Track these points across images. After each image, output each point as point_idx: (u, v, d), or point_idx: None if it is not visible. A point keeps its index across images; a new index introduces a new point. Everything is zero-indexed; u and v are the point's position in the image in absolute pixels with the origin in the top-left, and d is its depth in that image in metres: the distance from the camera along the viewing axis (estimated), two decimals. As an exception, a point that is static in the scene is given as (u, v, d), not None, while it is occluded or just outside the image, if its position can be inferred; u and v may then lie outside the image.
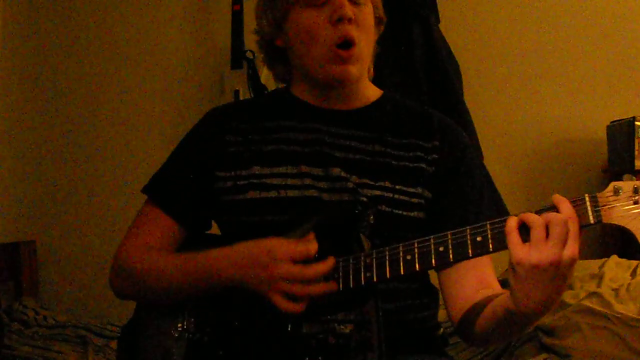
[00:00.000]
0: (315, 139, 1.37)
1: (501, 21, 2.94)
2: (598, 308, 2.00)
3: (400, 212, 1.32)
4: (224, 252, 1.27)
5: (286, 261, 1.18)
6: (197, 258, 1.30)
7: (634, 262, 2.25)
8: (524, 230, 1.05)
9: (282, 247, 1.20)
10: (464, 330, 1.31)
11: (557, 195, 1.06)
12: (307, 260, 1.19)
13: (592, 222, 1.03)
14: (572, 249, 1.02)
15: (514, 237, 1.05)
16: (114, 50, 3.22)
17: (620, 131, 2.55)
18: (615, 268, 2.25)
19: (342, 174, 1.33)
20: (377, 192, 1.32)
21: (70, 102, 3.24)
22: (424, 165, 1.35)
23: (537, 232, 1.03)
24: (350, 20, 1.31)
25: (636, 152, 2.47)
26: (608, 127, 2.63)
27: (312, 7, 1.33)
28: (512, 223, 1.05)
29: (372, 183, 1.33)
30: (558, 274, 1.03)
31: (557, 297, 1.07)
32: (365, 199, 1.30)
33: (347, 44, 1.31)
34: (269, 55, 1.45)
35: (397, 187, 1.33)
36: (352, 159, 1.35)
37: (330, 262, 1.19)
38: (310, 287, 1.18)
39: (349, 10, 1.31)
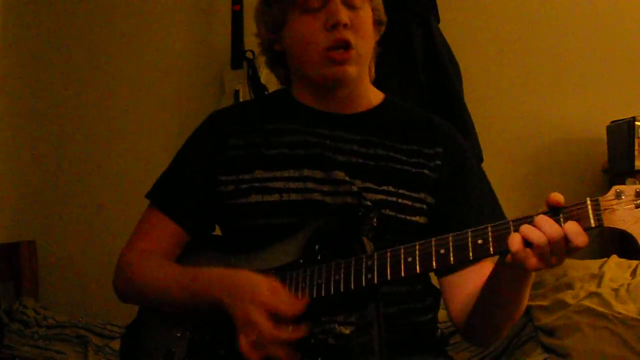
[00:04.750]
0: (317, 143, 1.37)
1: (501, 21, 2.94)
2: (598, 308, 2.00)
3: (403, 216, 1.32)
4: (219, 273, 1.27)
5: (263, 309, 1.17)
6: (193, 272, 1.30)
7: (634, 262, 2.25)
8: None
9: (267, 293, 1.19)
10: (468, 330, 1.31)
11: (556, 193, 1.06)
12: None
13: (593, 225, 1.03)
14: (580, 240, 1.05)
15: (521, 255, 1.06)
16: (114, 50, 3.22)
17: (620, 131, 2.55)
18: (615, 268, 2.25)
19: (346, 177, 1.33)
20: (381, 197, 1.32)
21: (71, 102, 3.24)
22: (426, 171, 1.36)
23: (543, 251, 1.05)
24: (345, 26, 1.31)
25: (636, 152, 2.47)
26: (608, 127, 2.62)
27: (308, 13, 1.34)
28: (517, 243, 1.06)
29: (375, 187, 1.33)
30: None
31: None
32: (369, 203, 1.30)
33: (342, 46, 1.31)
34: (270, 58, 1.46)
35: (401, 191, 1.33)
36: (355, 163, 1.35)
37: (303, 331, 1.17)
38: (272, 345, 1.16)
39: (344, 15, 1.31)
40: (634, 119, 2.49)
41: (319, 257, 1.22)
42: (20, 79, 3.25)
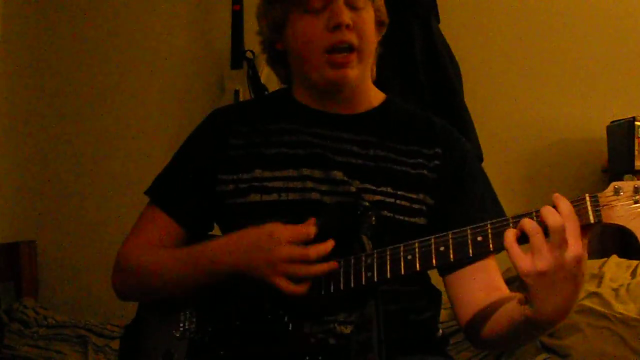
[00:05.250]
0: (317, 143, 1.37)
1: (501, 21, 2.95)
2: (598, 308, 2.00)
3: (401, 217, 1.32)
4: (223, 240, 1.28)
5: (286, 243, 1.19)
6: (197, 248, 1.31)
7: (634, 262, 2.25)
8: (524, 235, 1.05)
9: (282, 230, 1.20)
10: (473, 333, 1.30)
11: (557, 194, 1.06)
12: (307, 243, 1.20)
13: (592, 221, 1.03)
14: (574, 248, 1.02)
15: (515, 251, 1.04)
16: (114, 50, 3.22)
17: (620, 131, 2.55)
18: (615, 268, 2.25)
19: (345, 178, 1.33)
20: (379, 198, 1.32)
21: (70, 102, 3.24)
22: (425, 172, 1.35)
23: (535, 240, 1.03)
24: (348, 27, 1.31)
25: (636, 152, 2.48)
26: (608, 127, 2.63)
27: (311, 14, 1.32)
28: (510, 237, 1.05)
29: (374, 188, 1.32)
30: (567, 275, 1.03)
31: (574, 298, 1.07)
32: (367, 204, 1.30)
33: (344, 49, 1.31)
34: (271, 57, 1.45)
35: (399, 192, 1.33)
36: (354, 164, 1.35)
37: (330, 243, 1.19)
38: (312, 268, 1.18)
39: (346, 17, 1.30)
40: (634, 119, 2.49)
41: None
42: (20, 80, 3.26)
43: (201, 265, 1.28)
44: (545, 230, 1.03)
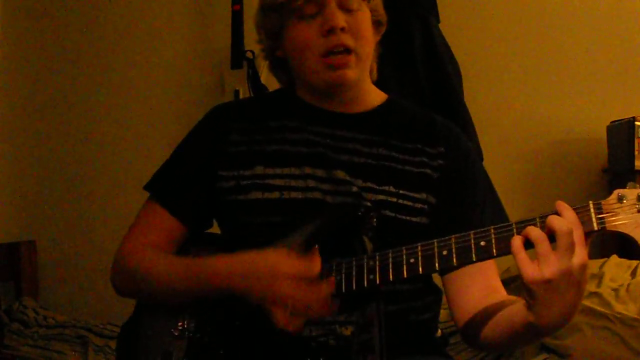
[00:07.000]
0: (319, 142, 1.37)
1: (501, 21, 2.94)
2: (598, 308, 2.00)
3: (403, 217, 1.31)
4: (226, 260, 1.25)
5: (288, 279, 1.17)
6: (199, 264, 1.29)
7: (634, 262, 2.26)
8: (527, 242, 1.05)
9: (285, 264, 1.18)
10: (470, 335, 1.30)
11: (561, 202, 1.06)
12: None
13: (595, 229, 1.03)
14: (580, 255, 1.03)
15: (522, 257, 1.04)
16: (114, 49, 3.22)
17: (620, 131, 2.55)
18: (615, 268, 2.25)
19: (347, 177, 1.33)
20: (381, 197, 1.31)
21: (70, 102, 3.24)
22: (428, 171, 1.35)
23: (542, 247, 1.03)
24: (343, 29, 1.31)
25: (636, 152, 2.48)
26: (608, 127, 2.63)
27: (305, 20, 1.33)
28: (517, 243, 1.05)
29: (376, 187, 1.32)
30: (571, 282, 1.04)
31: (576, 304, 1.07)
32: (369, 204, 1.30)
33: (340, 51, 1.31)
34: (272, 64, 1.46)
35: (401, 192, 1.32)
36: (357, 163, 1.35)
37: (331, 283, 1.18)
38: (309, 309, 1.17)
39: (340, 20, 1.31)
40: (634, 119, 2.49)
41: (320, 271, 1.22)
42: (20, 79, 3.26)
43: (200, 282, 1.27)
44: (550, 237, 1.03)
